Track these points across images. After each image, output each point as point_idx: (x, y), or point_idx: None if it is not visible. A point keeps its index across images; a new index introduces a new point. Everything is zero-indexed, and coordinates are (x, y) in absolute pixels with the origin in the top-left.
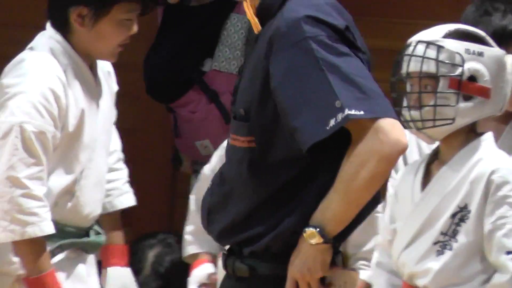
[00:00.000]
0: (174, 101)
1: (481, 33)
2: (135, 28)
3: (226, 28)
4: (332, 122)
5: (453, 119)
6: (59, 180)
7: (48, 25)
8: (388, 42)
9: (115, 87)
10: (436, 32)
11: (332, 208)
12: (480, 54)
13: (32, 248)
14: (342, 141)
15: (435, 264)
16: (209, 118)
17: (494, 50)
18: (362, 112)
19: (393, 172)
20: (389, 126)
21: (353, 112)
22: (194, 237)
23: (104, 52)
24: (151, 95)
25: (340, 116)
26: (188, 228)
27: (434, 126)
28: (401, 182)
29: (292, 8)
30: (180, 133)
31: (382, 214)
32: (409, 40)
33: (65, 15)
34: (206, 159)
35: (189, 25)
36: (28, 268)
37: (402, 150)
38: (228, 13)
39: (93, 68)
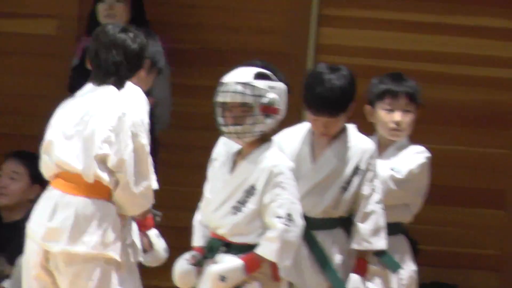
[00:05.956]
0: None
1: (270, 73)
2: None
3: None
4: None
5: (262, 131)
6: None
7: None
8: None
9: None
10: (246, 74)
11: None
12: (274, 87)
13: None
14: None
15: (231, 220)
16: None
17: (280, 84)
18: None
19: (213, 161)
20: None
21: None
22: None
23: None
24: None
25: None
26: None
27: (252, 136)
28: (216, 168)
29: None
30: None
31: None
32: (226, 80)
33: None
34: None
35: None
36: None
37: None
38: None
39: None
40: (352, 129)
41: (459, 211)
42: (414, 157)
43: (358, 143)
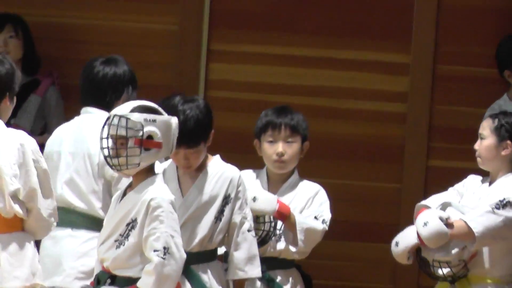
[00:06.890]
0: None
1: (155, 106)
2: None
3: None
4: None
5: (139, 164)
6: None
7: None
8: None
9: None
10: (126, 108)
11: None
12: (154, 120)
13: None
14: None
15: (113, 253)
16: None
17: (164, 117)
18: None
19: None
20: None
21: None
22: None
23: None
24: None
25: None
26: None
27: (127, 169)
28: (113, 200)
29: None
30: None
31: None
32: (110, 113)
33: None
34: None
35: None
36: None
37: None
38: None
39: None
40: (216, 159)
41: (352, 245)
42: (322, 199)
43: (224, 172)
